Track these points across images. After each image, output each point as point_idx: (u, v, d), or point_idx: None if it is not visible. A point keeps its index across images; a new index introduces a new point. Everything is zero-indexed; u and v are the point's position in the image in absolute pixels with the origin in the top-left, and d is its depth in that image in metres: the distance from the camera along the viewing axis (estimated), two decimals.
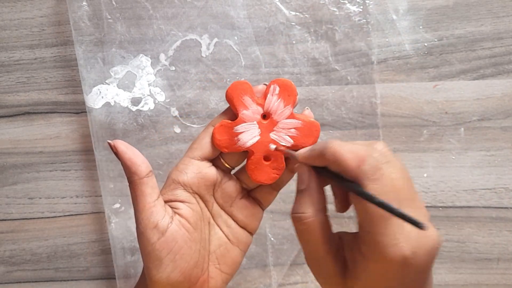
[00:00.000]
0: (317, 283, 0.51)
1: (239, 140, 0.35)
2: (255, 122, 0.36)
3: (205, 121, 0.48)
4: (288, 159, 0.36)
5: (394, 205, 0.27)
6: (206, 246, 0.36)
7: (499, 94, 0.48)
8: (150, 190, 0.34)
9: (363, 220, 0.29)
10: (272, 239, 0.49)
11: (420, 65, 0.48)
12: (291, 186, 0.49)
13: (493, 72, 0.48)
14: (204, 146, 0.36)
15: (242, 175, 0.38)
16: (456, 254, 0.49)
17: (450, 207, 0.49)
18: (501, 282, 0.49)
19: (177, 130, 0.48)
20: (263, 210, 0.39)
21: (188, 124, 0.48)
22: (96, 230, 0.50)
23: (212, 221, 0.37)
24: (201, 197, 0.36)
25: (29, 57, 0.50)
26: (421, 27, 0.48)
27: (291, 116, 0.35)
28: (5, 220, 0.50)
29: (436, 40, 0.48)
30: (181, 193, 0.35)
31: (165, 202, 0.35)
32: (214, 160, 0.37)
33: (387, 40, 0.48)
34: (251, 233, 0.38)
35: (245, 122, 0.35)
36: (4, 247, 0.51)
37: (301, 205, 0.32)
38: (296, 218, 0.32)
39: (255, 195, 0.38)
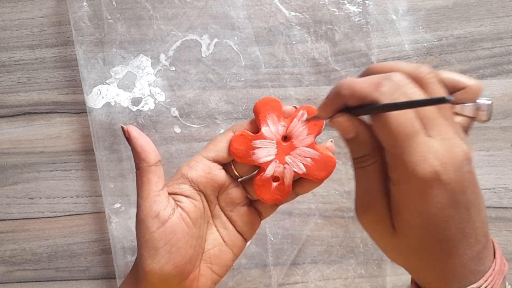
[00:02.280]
0: (317, 283, 0.51)
1: (254, 154, 0.36)
2: (274, 141, 0.36)
3: (205, 121, 0.48)
4: (295, 182, 0.36)
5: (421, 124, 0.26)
6: (201, 244, 0.36)
7: (499, 94, 0.48)
8: (157, 179, 0.34)
9: (389, 143, 0.27)
10: (272, 239, 0.49)
11: None
12: None
13: (492, 72, 0.48)
14: (220, 149, 0.36)
15: (249, 185, 0.38)
16: None
17: None
18: None
19: (177, 130, 0.48)
20: (261, 220, 0.39)
21: (188, 124, 0.48)
22: (96, 230, 0.50)
23: (211, 221, 0.38)
24: (206, 197, 0.37)
25: (30, 57, 0.50)
26: (420, 27, 0.48)
27: (311, 145, 0.35)
28: (6, 220, 0.51)
29: (435, 40, 0.48)
30: (187, 188, 0.36)
31: (170, 194, 0.35)
32: (225, 165, 0.37)
33: (386, 40, 0.48)
34: (246, 240, 0.39)
35: (265, 138, 0.36)
36: (4, 247, 0.51)
37: (359, 149, 0.30)
38: (357, 161, 0.30)
39: (256, 205, 0.39)
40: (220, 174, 0.36)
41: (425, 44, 0.48)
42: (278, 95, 0.48)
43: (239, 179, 0.38)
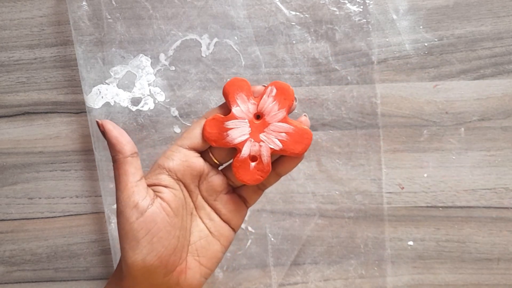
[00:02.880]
0: (317, 284, 0.51)
1: (227, 136, 0.35)
2: (246, 120, 0.36)
3: None
4: (275, 162, 0.36)
5: None
6: (186, 236, 0.36)
7: (500, 94, 0.48)
8: (134, 170, 0.34)
9: None
10: (272, 239, 0.49)
11: (420, 65, 0.48)
12: (291, 185, 0.49)
13: (493, 72, 0.48)
14: (194, 136, 0.36)
15: (229, 172, 0.38)
16: (456, 254, 0.49)
17: (450, 207, 0.49)
18: (501, 282, 0.49)
19: (177, 130, 0.48)
20: (247, 208, 0.39)
21: (188, 124, 0.48)
22: (96, 230, 0.50)
23: (194, 212, 0.37)
24: (186, 186, 0.36)
25: (29, 57, 0.50)
26: (421, 27, 0.48)
27: (284, 120, 0.35)
28: (5, 220, 0.50)
29: (436, 40, 0.48)
30: (165, 178, 0.35)
31: (149, 185, 0.35)
32: (203, 153, 0.37)
33: (387, 40, 0.48)
34: (233, 230, 0.38)
35: (237, 118, 0.35)
36: (4, 247, 0.51)
37: None
38: None
39: (240, 192, 0.38)
40: (197, 161, 0.36)
41: (426, 44, 0.48)
42: None
43: (220, 167, 0.38)
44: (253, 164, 0.36)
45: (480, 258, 0.49)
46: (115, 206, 0.48)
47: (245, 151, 0.36)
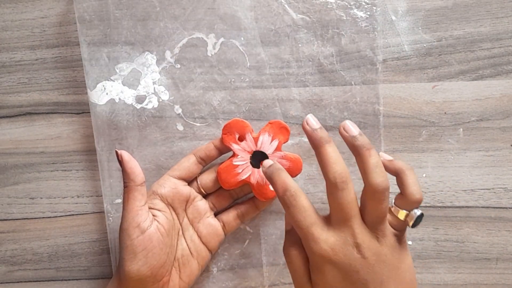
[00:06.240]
0: None
1: (238, 175, 0.44)
2: (248, 155, 0.44)
3: (207, 120, 0.48)
4: (256, 199, 0.47)
5: None
6: (173, 252, 0.43)
7: (498, 95, 0.49)
8: (141, 196, 0.41)
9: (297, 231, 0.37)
10: (266, 238, 0.49)
11: (419, 65, 0.49)
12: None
13: (492, 72, 0.48)
14: (182, 168, 0.45)
15: (213, 199, 0.46)
16: (455, 254, 0.49)
17: (449, 207, 0.49)
18: (500, 282, 0.49)
19: (180, 128, 0.49)
20: (225, 234, 0.46)
21: (191, 123, 0.48)
22: (97, 229, 0.50)
23: (181, 232, 0.45)
24: (174, 210, 0.44)
25: (30, 57, 0.50)
26: (420, 28, 0.48)
27: (278, 150, 0.45)
28: (6, 220, 0.51)
29: (435, 41, 0.48)
30: (158, 203, 0.43)
31: None
32: (192, 183, 0.46)
33: (386, 41, 0.48)
34: (210, 252, 0.46)
35: (241, 155, 0.44)
36: (5, 246, 0.51)
37: (286, 244, 0.39)
38: (284, 253, 0.39)
39: (221, 217, 0.46)
40: (184, 189, 0.44)
41: (425, 45, 0.48)
42: (282, 96, 0.48)
43: (205, 194, 0.46)
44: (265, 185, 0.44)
45: (479, 258, 0.49)
46: (116, 201, 0.49)
47: (253, 181, 0.44)
